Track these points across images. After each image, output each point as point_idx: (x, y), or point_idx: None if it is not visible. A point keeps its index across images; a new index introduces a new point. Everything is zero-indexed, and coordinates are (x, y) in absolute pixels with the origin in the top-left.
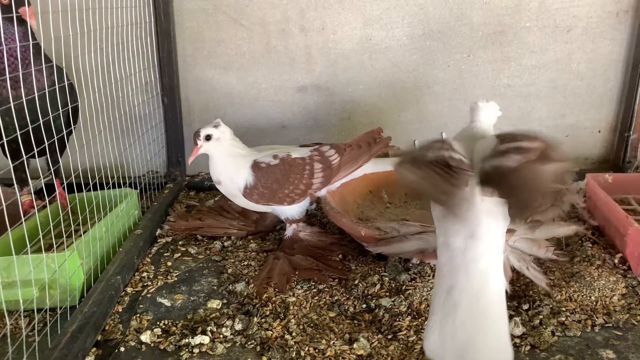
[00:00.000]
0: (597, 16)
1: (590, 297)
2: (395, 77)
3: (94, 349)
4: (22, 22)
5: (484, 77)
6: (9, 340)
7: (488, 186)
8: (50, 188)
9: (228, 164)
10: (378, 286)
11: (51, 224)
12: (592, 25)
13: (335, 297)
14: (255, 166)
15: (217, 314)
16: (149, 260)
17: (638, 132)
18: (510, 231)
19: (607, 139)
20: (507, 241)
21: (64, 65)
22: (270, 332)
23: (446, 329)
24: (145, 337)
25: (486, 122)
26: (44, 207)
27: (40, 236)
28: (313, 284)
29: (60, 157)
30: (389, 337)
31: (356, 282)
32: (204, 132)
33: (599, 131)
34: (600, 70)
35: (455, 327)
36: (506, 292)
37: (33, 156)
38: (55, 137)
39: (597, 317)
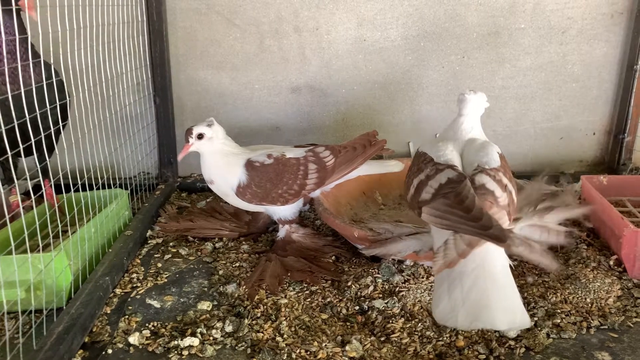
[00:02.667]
0: (591, 18)
1: (585, 299)
2: (389, 78)
3: (80, 351)
4: (17, 15)
5: (479, 79)
6: None
7: None
8: (40, 189)
9: (220, 163)
10: (371, 288)
11: (37, 223)
12: (587, 27)
13: (328, 299)
14: (249, 165)
15: (208, 315)
16: (139, 261)
17: (632, 134)
18: (514, 219)
19: (601, 141)
20: (513, 229)
21: (52, 62)
22: (261, 334)
23: (454, 295)
24: (134, 339)
25: (474, 113)
26: (31, 207)
27: (26, 235)
28: (305, 285)
29: (50, 156)
30: (382, 339)
31: (349, 283)
32: (196, 131)
33: (594, 133)
34: (594, 72)
35: (463, 293)
36: (511, 267)
37: (20, 155)
38: (43, 135)
39: (592, 319)
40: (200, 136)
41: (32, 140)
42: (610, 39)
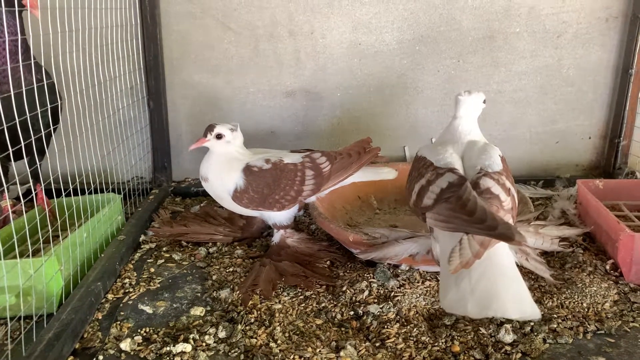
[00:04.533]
0: (586, 22)
1: (582, 303)
2: (385, 81)
3: (71, 358)
4: (19, 14)
5: (474, 83)
6: None
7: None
8: (31, 194)
9: (222, 164)
10: (366, 293)
11: (26, 228)
12: (582, 31)
13: (323, 304)
14: (247, 170)
15: (201, 321)
16: (131, 266)
17: (628, 138)
18: None
19: (597, 145)
20: None
21: (42, 64)
22: (255, 340)
23: (462, 286)
24: (125, 345)
25: (470, 115)
26: (21, 212)
27: (15, 240)
28: (300, 290)
29: (40, 160)
30: (377, 344)
31: (344, 288)
32: (217, 130)
33: (590, 137)
34: (590, 76)
35: (472, 284)
36: (516, 264)
37: (10, 159)
38: (33, 138)
39: (589, 324)
40: (219, 136)
41: (22, 143)
42: (605, 43)
